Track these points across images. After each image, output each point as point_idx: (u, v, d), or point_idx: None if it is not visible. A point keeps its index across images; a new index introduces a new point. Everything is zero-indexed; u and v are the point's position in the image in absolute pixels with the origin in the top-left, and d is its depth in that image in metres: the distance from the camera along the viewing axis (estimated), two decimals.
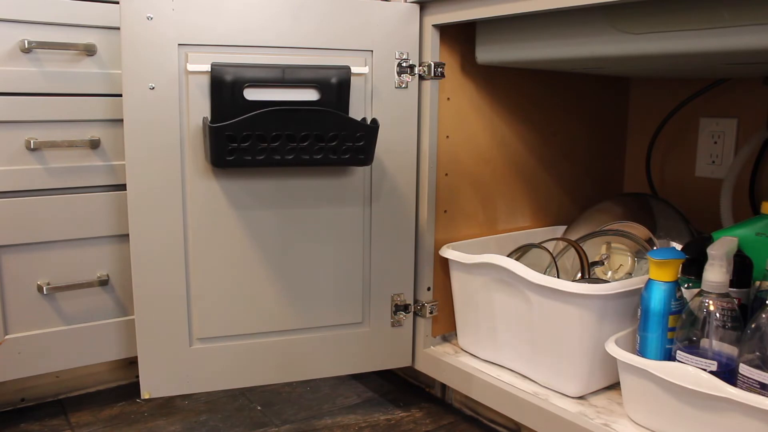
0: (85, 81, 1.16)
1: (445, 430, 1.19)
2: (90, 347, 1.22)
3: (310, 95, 1.05)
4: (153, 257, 1.03)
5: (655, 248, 1.16)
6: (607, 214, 1.33)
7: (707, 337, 0.85)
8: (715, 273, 0.85)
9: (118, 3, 1.06)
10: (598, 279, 1.20)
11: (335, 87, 1.04)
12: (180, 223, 1.04)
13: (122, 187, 1.21)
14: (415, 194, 1.18)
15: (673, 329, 0.90)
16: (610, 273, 1.21)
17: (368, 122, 1.06)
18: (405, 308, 1.20)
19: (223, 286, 1.08)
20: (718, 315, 0.85)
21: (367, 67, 1.10)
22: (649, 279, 0.92)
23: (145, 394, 1.07)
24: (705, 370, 0.84)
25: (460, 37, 1.18)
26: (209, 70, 0.99)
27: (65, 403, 1.28)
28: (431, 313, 1.22)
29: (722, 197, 1.33)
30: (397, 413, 1.25)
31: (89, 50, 1.15)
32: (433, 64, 1.13)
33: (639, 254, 1.19)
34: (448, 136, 1.20)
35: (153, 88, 0.99)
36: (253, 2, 1.02)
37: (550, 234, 1.38)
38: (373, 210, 1.15)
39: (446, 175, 1.21)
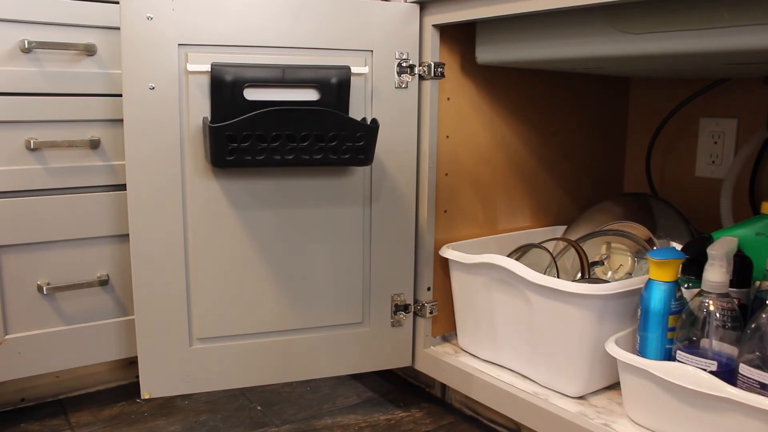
0: (85, 81, 1.16)
1: (445, 430, 1.19)
2: (90, 347, 1.22)
3: (310, 95, 1.05)
4: (153, 257, 1.03)
5: (655, 248, 1.16)
6: (607, 214, 1.33)
7: (707, 337, 0.85)
8: (715, 273, 0.85)
9: (118, 3, 1.06)
10: (598, 279, 1.20)
11: (335, 87, 1.04)
12: (180, 223, 1.04)
13: (122, 187, 1.21)
14: (415, 194, 1.18)
15: (673, 329, 0.90)
16: (610, 273, 1.21)
17: (368, 122, 1.06)
18: (405, 308, 1.20)
19: (223, 286, 1.08)
20: (718, 315, 0.85)
21: (367, 67, 1.10)
22: (649, 279, 0.92)
23: (145, 394, 1.07)
24: (705, 370, 0.84)
25: (460, 37, 1.18)
26: (209, 70, 0.99)
27: (65, 403, 1.28)
28: (431, 313, 1.22)
29: (722, 197, 1.33)
30: (397, 413, 1.25)
31: (89, 50, 1.15)
32: (433, 64, 1.13)
33: (639, 254, 1.19)
34: (448, 136, 1.20)
35: (153, 88, 0.99)
36: (253, 2, 1.02)
37: (550, 234, 1.38)
38: (373, 210, 1.15)
39: (446, 175, 1.21)
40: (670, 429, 0.88)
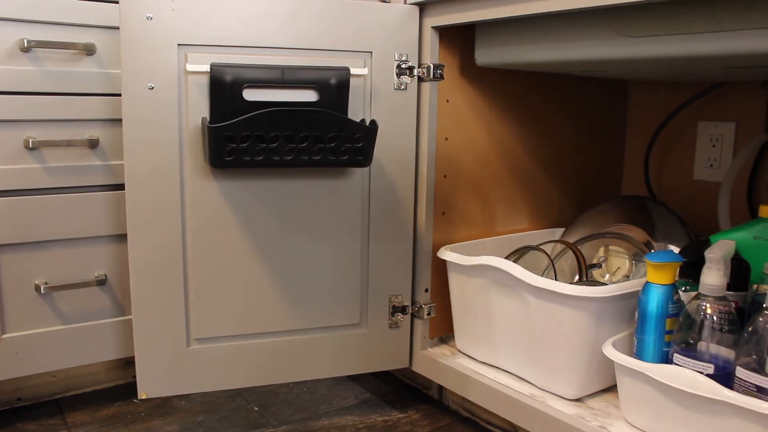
0: (85, 80, 1.16)
1: None
2: (87, 347, 1.22)
3: (310, 96, 1.05)
4: (151, 257, 1.03)
5: (652, 251, 1.16)
6: (605, 216, 1.33)
7: (704, 340, 0.85)
8: (713, 276, 0.85)
9: (117, 3, 1.06)
10: (596, 281, 1.20)
11: (334, 88, 1.04)
12: (178, 223, 1.04)
13: (121, 186, 1.21)
14: (414, 196, 1.18)
15: (670, 332, 0.90)
16: (607, 276, 1.21)
17: (367, 123, 1.06)
18: (403, 310, 1.20)
19: (220, 287, 1.08)
20: (715, 318, 0.85)
21: (366, 68, 1.10)
22: (647, 282, 0.92)
23: (142, 394, 1.07)
24: (702, 373, 0.84)
25: (460, 39, 1.18)
26: (208, 70, 0.99)
27: (62, 403, 1.27)
28: (429, 314, 1.22)
29: (720, 200, 1.33)
30: (394, 415, 1.25)
31: (89, 50, 1.15)
32: (432, 66, 1.13)
33: (637, 257, 1.19)
34: (446, 138, 1.20)
35: (152, 88, 0.99)
36: (253, 3, 1.02)
37: (548, 236, 1.38)
38: (372, 211, 1.15)
39: (445, 176, 1.21)
40: None
